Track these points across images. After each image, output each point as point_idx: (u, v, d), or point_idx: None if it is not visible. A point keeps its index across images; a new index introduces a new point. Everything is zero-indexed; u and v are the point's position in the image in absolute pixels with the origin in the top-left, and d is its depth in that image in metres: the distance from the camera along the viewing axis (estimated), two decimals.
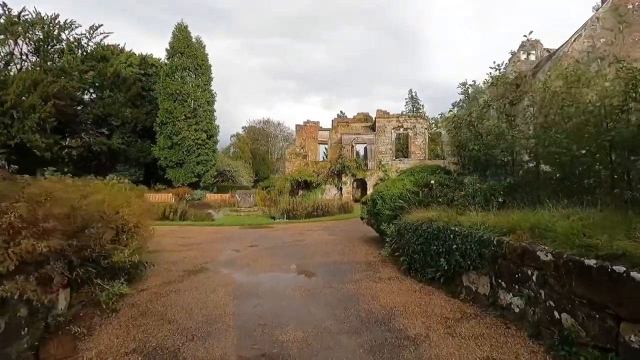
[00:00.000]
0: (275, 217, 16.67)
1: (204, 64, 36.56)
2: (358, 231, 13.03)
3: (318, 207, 17.08)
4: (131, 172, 36.98)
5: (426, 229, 6.25)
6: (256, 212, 20.62)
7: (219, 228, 14.13)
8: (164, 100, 34.41)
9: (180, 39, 35.42)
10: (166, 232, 13.03)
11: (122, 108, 35.73)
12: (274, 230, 13.51)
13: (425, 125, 31.11)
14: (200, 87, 36.01)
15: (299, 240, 11.10)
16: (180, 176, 34.81)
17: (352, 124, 33.23)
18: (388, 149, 31.11)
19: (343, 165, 30.40)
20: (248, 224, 14.86)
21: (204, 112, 35.78)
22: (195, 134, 34.47)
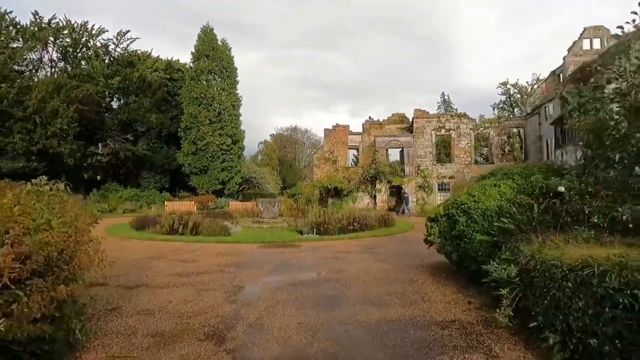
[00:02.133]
0: (302, 231, 13.57)
1: (229, 66, 34.40)
2: (412, 254, 9.65)
3: (354, 220, 13.83)
4: (156, 179, 35.23)
5: (625, 293, 2.85)
6: (280, 223, 17.58)
7: (234, 246, 11.15)
8: (188, 104, 32.41)
9: (205, 42, 33.44)
10: (167, 251, 10.16)
11: (147, 113, 34.07)
12: (300, 251, 10.34)
13: (471, 126, 27.24)
14: (226, 91, 33.80)
15: (336, 270, 7.86)
16: (204, 183, 32.53)
17: (386, 126, 29.82)
18: (428, 152, 27.41)
19: (377, 170, 26.97)
20: (269, 241, 11.79)
21: (229, 116, 33.48)
22: (220, 139, 32.16)
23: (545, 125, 25.61)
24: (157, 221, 13.90)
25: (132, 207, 27.94)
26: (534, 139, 27.17)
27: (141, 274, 7.40)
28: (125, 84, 33.49)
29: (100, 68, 31.23)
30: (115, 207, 26.90)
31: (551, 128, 24.54)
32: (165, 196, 31.46)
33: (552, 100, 24.70)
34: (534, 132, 27.01)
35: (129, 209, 27.08)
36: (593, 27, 26.24)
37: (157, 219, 14.04)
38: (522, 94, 46.64)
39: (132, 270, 7.84)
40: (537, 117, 26.65)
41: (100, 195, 29.10)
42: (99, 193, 29.42)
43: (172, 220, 13.34)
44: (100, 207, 26.30)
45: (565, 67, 26.72)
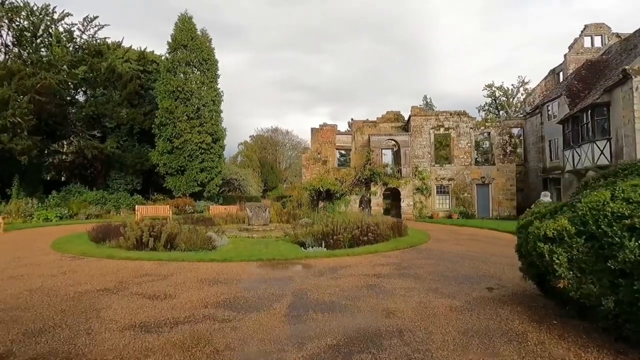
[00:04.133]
0: (305, 243, 10.87)
1: (210, 59, 31.16)
2: (464, 277, 7.19)
3: (368, 229, 11.22)
4: (127, 180, 31.38)
5: None
6: (273, 232, 14.77)
7: (222, 267, 8.28)
8: (164, 98, 28.95)
9: (183, 31, 30.11)
10: (131, 276, 7.18)
11: (117, 108, 30.21)
12: (315, 275, 7.61)
13: (471, 125, 25.30)
14: (206, 85, 30.54)
15: (384, 313, 5.22)
16: (182, 185, 29.10)
17: (380, 124, 27.50)
18: (426, 152, 25.25)
19: (372, 171, 24.55)
20: (268, 259, 8.99)
21: (209, 112, 30.22)
22: (199, 136, 28.86)
23: (548, 124, 24.03)
24: (121, 232, 10.77)
25: (98, 211, 24.26)
26: (534, 140, 25.58)
27: (80, 329, 4.49)
28: (92, 74, 29.49)
29: (62, 55, 27.22)
30: (77, 212, 23.16)
31: (555, 128, 22.94)
32: (137, 199, 27.83)
33: (556, 99, 23.12)
34: (535, 133, 25.43)
35: (93, 214, 23.41)
36: (594, 25, 25.01)
37: (120, 229, 10.89)
38: (507, 96, 45.80)
39: (68, 317, 4.92)
40: (538, 116, 25.07)
41: (60, 199, 25.16)
42: (60, 196, 25.46)
43: (140, 231, 10.27)
44: (58, 211, 22.53)
45: (566, 65, 25.33)
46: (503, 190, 24.59)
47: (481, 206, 24.79)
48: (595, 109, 17.74)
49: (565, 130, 20.71)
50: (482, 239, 13.65)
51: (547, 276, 4.37)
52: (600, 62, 22.77)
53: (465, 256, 9.73)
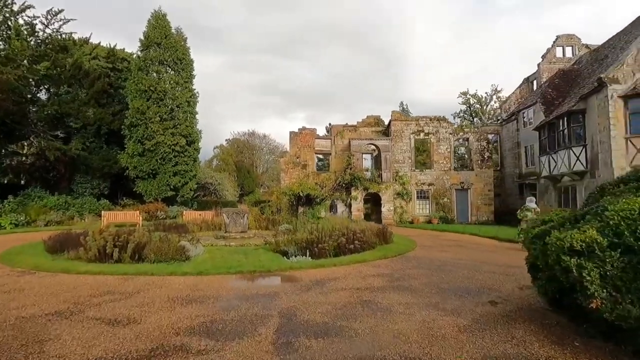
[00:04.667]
0: (288, 252, 10.10)
1: (185, 58, 29.84)
2: (462, 289, 6.67)
3: (354, 237, 10.57)
4: (93, 184, 29.43)
5: None
6: (252, 239, 13.88)
7: (197, 281, 7.37)
8: (134, 98, 27.38)
9: (156, 28, 28.69)
10: (89, 296, 6.15)
11: (84, 107, 28.36)
12: (302, 290, 6.87)
13: (450, 130, 25.35)
14: (180, 85, 29.19)
15: (387, 335, 4.61)
16: (153, 189, 27.53)
17: (360, 129, 27.11)
18: (406, 157, 25.06)
19: (353, 176, 24.06)
20: (249, 271, 8.16)
21: (184, 113, 28.88)
22: (172, 138, 27.46)
23: (524, 131, 24.43)
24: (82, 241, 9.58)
25: (60, 218, 22.40)
26: (510, 146, 25.95)
27: None
28: (55, 71, 27.50)
29: (22, 49, 25.18)
30: (35, 219, 21.26)
31: (530, 134, 23.32)
32: (104, 204, 26.03)
33: (531, 106, 23.53)
34: (511, 139, 25.81)
35: (54, 220, 21.57)
36: (565, 36, 25.76)
37: (80, 238, 9.70)
38: (481, 104, 46.89)
39: (4, 352, 3.95)
40: (514, 123, 25.47)
41: (17, 204, 23.08)
42: (16, 201, 23.36)
43: (103, 241, 9.16)
44: (14, 218, 20.59)
45: (539, 74, 25.93)
46: (481, 195, 24.73)
47: (460, 211, 24.82)
48: (571, 116, 18.03)
49: (541, 136, 21.01)
50: (467, 245, 13.33)
51: (574, 294, 3.83)
52: (572, 71, 23.39)
53: (456, 265, 9.27)
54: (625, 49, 17.46)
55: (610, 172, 15.81)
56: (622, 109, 15.67)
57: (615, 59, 17.57)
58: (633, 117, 15.55)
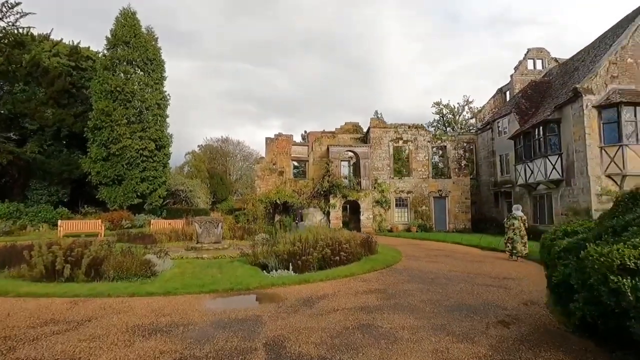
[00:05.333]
0: (268, 265, 9.15)
1: (155, 59, 28.28)
2: (465, 306, 6.00)
3: (340, 247, 9.74)
4: (51, 191, 27.06)
5: None
6: (227, 250, 12.76)
7: (164, 304, 6.26)
8: (99, 99, 25.50)
9: (125, 27, 27.02)
10: (25, 326, 4.91)
11: (42, 107, 26.13)
12: (289, 312, 5.93)
13: (428, 138, 25.28)
14: (150, 87, 27.57)
15: None
16: (118, 196, 25.60)
17: (339, 135, 26.54)
18: (385, 164, 24.69)
19: (332, 183, 23.36)
20: (225, 289, 7.13)
21: (154, 116, 27.24)
22: (141, 142, 25.74)
23: (499, 140, 24.73)
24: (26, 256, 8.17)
25: (9, 227, 20.13)
26: (485, 154, 26.23)
27: None
28: (10, 67, 25.22)
29: None
30: None
31: (505, 143, 23.60)
32: (62, 213, 23.82)
33: (506, 116, 23.87)
34: (486, 147, 26.10)
35: (2, 230, 19.34)
36: (536, 49, 26.52)
37: (25, 252, 8.28)
38: (453, 114, 47.81)
39: None
40: (489, 132, 25.79)
41: None
42: None
43: (52, 255, 7.82)
44: None
45: (512, 85, 26.49)
46: (459, 203, 24.71)
47: (438, 219, 24.66)
48: (547, 125, 18.25)
49: (517, 145, 21.23)
50: (453, 255, 12.86)
51: (627, 321, 3.18)
52: (543, 83, 24.00)
53: (448, 277, 8.65)
54: (595, 62, 17.94)
55: (586, 181, 15.99)
56: (596, 118, 15.95)
57: (587, 71, 18.00)
58: (606, 127, 15.85)
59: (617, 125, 15.48)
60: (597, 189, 15.61)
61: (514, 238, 11.53)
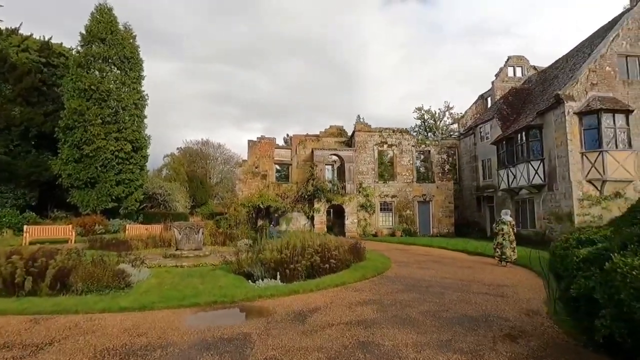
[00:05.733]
0: (253, 274, 8.59)
1: (133, 57, 27.09)
2: (467, 318, 5.66)
3: (329, 254, 9.27)
4: (17, 194, 25.36)
5: None
6: (208, 258, 12.06)
7: (136, 322, 5.59)
8: (72, 97, 24.14)
9: (101, 23, 25.77)
10: None
11: (9, 105, 24.61)
12: (279, 328, 5.41)
13: (413, 142, 25.27)
14: (127, 86, 26.36)
15: None
16: (91, 200, 24.23)
17: (323, 139, 26.17)
18: (370, 168, 24.47)
19: (316, 187, 22.91)
20: (207, 302, 6.52)
21: (130, 117, 26.02)
22: (116, 144, 24.51)
23: (481, 145, 24.98)
24: None
25: None
26: (468, 159, 26.46)
27: None
28: None
29: None
30: None
31: (487, 148, 23.84)
32: (29, 217, 22.29)
33: (488, 121, 24.14)
34: (469, 152, 26.33)
35: None
36: (516, 57, 27.07)
37: None
38: (435, 120, 48.43)
39: None
40: (471, 137, 26.03)
41: None
42: None
43: (12, 267, 7.00)
44: None
45: (493, 92, 26.89)
46: (442, 207, 24.76)
47: (422, 223, 24.61)
48: (530, 131, 18.46)
49: (499, 150, 21.43)
50: (442, 261, 12.62)
51: None
52: (523, 90, 24.45)
53: (443, 285, 8.33)
54: (574, 69, 18.32)
55: (568, 186, 16.20)
56: (578, 125, 16.21)
57: (567, 78, 18.35)
58: (587, 133, 16.12)
59: (598, 131, 15.77)
60: (578, 194, 15.82)
61: (503, 243, 11.40)
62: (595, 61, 16.82)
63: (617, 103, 16.06)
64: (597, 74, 16.72)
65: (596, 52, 17.04)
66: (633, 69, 17.12)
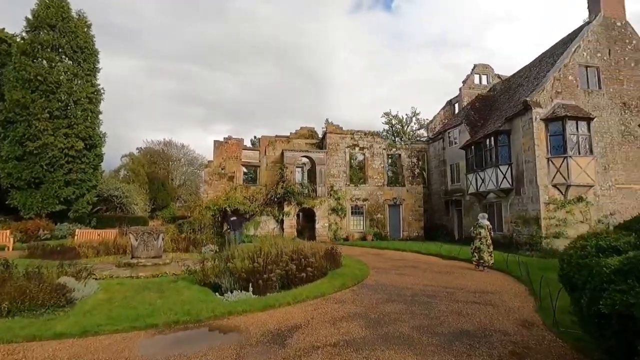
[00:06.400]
0: (222, 286, 7.61)
1: (87, 47, 24.88)
2: (461, 332, 5.09)
3: (306, 262, 8.46)
4: None
5: None
6: (169, 266, 10.83)
7: (75, 353, 4.51)
8: (14, 88, 21.66)
9: (51, 8, 23.43)
10: None
11: None
12: (254, 353, 4.57)
13: (384, 146, 25.08)
14: (80, 78, 24.13)
15: None
16: (35, 202, 21.77)
17: (294, 140, 25.33)
18: (341, 171, 23.93)
19: (287, 190, 22.01)
20: (166, 323, 5.47)
21: (83, 111, 23.79)
22: (66, 140, 22.25)
23: (450, 149, 25.28)
24: None
25: None
26: (437, 163, 26.72)
27: None
28: None
29: None
30: None
31: (456, 152, 24.14)
32: None
33: (457, 127, 24.47)
34: (437, 157, 26.59)
35: None
36: (482, 65, 27.80)
37: None
38: (402, 125, 49.15)
39: None
40: (440, 142, 26.32)
41: None
42: None
43: None
44: None
45: (461, 98, 27.41)
46: (412, 211, 24.73)
47: (393, 227, 24.43)
48: (498, 136, 18.74)
49: (468, 155, 21.68)
50: (419, 266, 12.22)
51: None
52: (489, 97, 25.08)
53: (429, 294, 7.81)
54: (539, 78, 18.88)
55: (535, 190, 16.51)
56: (544, 130, 16.61)
57: (532, 86, 18.87)
58: (552, 139, 16.55)
59: (562, 137, 16.22)
60: (545, 197, 16.16)
61: (480, 247, 11.17)
62: (559, 70, 17.38)
63: (580, 111, 16.64)
64: (561, 82, 17.27)
65: (560, 61, 17.63)
66: (592, 79, 17.89)
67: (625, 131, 17.59)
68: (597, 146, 16.77)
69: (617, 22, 18.45)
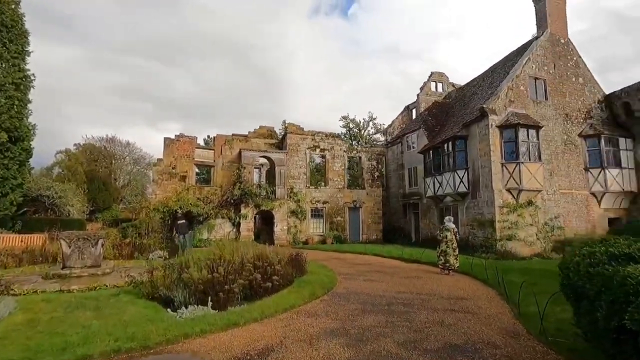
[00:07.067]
0: (174, 300, 6.54)
1: (16, 27, 21.81)
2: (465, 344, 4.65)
3: (272, 269, 7.60)
4: None
5: None
6: (109, 277, 9.38)
7: None
8: None
9: None
10: None
11: None
12: None
13: (344, 148, 24.78)
14: (6, 61, 21.04)
15: None
16: None
17: (252, 140, 24.16)
18: (302, 172, 23.19)
19: (244, 191, 20.82)
20: (103, 353, 4.40)
21: (8, 99, 20.72)
22: None
23: (408, 153, 25.66)
24: None
25: None
26: (395, 167, 27.01)
27: None
28: None
29: None
30: None
31: (414, 157, 24.54)
32: None
33: (415, 131, 24.90)
34: (396, 160, 26.89)
35: None
36: (437, 73, 28.67)
37: None
38: (359, 129, 49.70)
39: None
40: (398, 146, 26.65)
41: None
42: None
43: None
44: None
45: (418, 104, 28.03)
46: (371, 214, 24.70)
47: (352, 229, 24.19)
48: (456, 141, 19.21)
49: (426, 159, 22.07)
50: (385, 270, 11.87)
51: None
52: (445, 104, 25.88)
53: (404, 302, 7.35)
54: (492, 87, 19.70)
55: (490, 194, 17.05)
56: (499, 137, 17.24)
57: (486, 94, 19.63)
58: (506, 145, 17.23)
59: (515, 144, 16.94)
60: (499, 201, 16.74)
61: (447, 251, 11.07)
62: (512, 80, 18.22)
63: (530, 119, 17.53)
64: (514, 92, 18.10)
65: (513, 71, 18.50)
66: (540, 91, 18.99)
67: (568, 140, 18.84)
68: (544, 153, 17.75)
69: (561, 39, 19.82)
